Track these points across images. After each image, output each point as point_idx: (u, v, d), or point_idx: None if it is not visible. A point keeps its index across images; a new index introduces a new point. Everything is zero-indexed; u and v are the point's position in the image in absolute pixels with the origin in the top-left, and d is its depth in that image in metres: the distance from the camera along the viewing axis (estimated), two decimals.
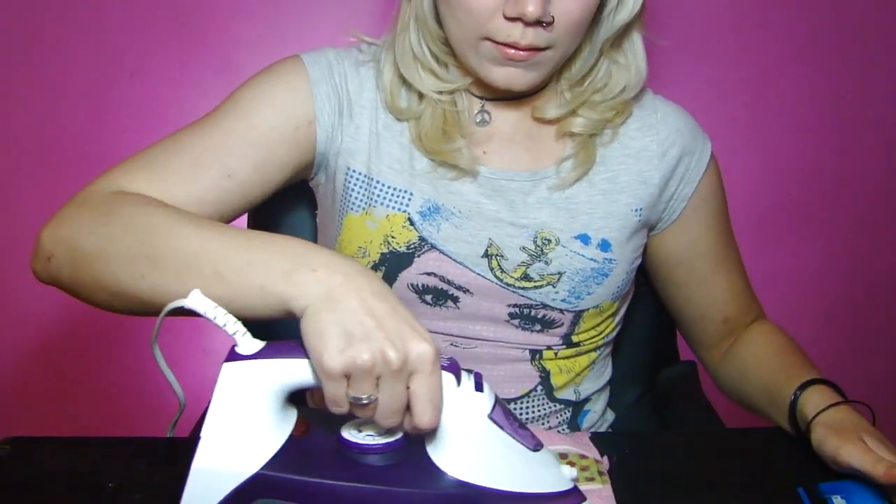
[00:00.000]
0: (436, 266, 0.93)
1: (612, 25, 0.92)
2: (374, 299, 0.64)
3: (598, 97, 0.96)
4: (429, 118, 0.93)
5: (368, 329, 0.62)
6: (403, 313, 0.64)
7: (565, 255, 0.94)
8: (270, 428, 0.66)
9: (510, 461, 0.66)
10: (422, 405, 0.62)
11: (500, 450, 0.66)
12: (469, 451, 0.66)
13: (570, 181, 0.95)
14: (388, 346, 0.61)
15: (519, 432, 0.67)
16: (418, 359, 0.62)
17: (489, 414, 0.66)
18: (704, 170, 1.00)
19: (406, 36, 0.93)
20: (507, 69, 0.88)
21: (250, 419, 0.66)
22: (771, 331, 1.06)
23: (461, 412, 0.65)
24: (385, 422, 0.64)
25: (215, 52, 1.47)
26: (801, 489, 0.78)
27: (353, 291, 0.64)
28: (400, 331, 0.62)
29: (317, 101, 0.92)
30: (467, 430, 0.66)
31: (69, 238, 0.76)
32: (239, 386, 0.65)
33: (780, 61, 1.55)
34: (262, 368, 0.65)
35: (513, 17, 0.83)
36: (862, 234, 1.65)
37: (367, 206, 0.94)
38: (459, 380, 0.66)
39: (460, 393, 0.65)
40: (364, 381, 0.61)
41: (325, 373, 0.61)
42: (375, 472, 0.66)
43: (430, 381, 0.62)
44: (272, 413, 0.66)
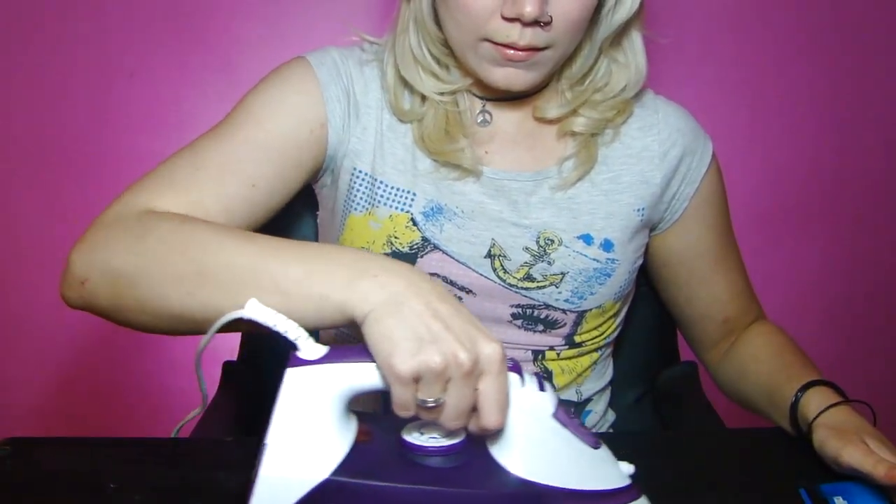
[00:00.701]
0: (439, 266, 0.93)
1: (611, 24, 0.92)
2: (438, 302, 0.63)
3: (598, 96, 0.96)
4: (431, 119, 0.93)
5: (437, 331, 0.61)
6: (467, 315, 0.64)
7: (568, 255, 0.94)
8: (336, 434, 0.66)
9: (573, 459, 0.66)
10: (490, 406, 0.62)
11: (564, 448, 0.66)
12: (534, 450, 0.66)
13: (572, 181, 0.95)
14: (459, 348, 0.61)
15: (580, 430, 0.67)
16: (487, 359, 0.62)
17: (553, 413, 0.66)
18: (706, 170, 1.00)
19: (406, 38, 0.93)
20: (506, 69, 0.88)
21: (316, 425, 0.65)
22: (770, 331, 1.06)
23: (526, 412, 0.65)
24: (451, 424, 0.63)
25: (215, 52, 1.47)
26: (803, 490, 0.78)
27: (416, 295, 0.63)
28: (468, 332, 0.62)
29: (328, 103, 0.92)
30: (532, 429, 0.66)
31: (106, 261, 0.74)
32: (303, 391, 0.65)
33: (780, 61, 1.55)
34: (327, 373, 0.64)
35: (511, 17, 0.83)
36: (862, 235, 1.65)
37: (370, 207, 0.94)
38: (524, 380, 0.66)
39: (525, 393, 0.65)
40: (434, 383, 0.61)
41: (396, 376, 0.61)
42: (440, 473, 0.66)
43: (499, 382, 0.62)
44: (337, 418, 0.66)
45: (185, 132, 0.95)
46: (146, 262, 0.72)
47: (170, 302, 0.71)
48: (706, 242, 1.02)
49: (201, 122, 0.95)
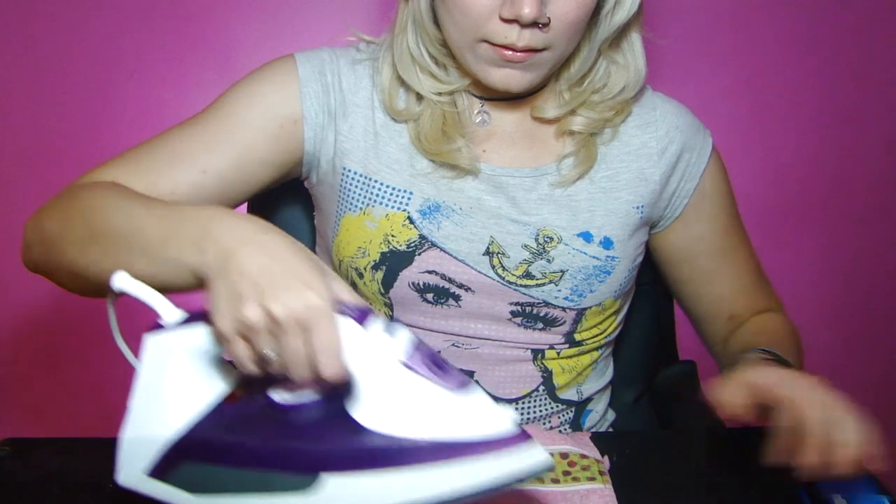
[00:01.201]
0: (437, 264, 0.93)
1: (610, 26, 0.92)
2: (265, 257, 0.63)
3: (596, 97, 0.96)
4: (428, 119, 0.93)
5: (254, 286, 0.61)
6: (297, 267, 0.63)
7: (567, 252, 0.94)
8: (195, 394, 0.68)
9: (427, 406, 0.63)
10: (319, 355, 0.62)
11: (414, 394, 0.63)
12: (383, 400, 0.64)
13: (571, 179, 0.95)
14: (273, 302, 0.61)
15: (439, 374, 0.63)
16: (307, 311, 0.61)
17: (400, 358, 0.63)
18: (705, 165, 0.99)
19: (404, 38, 0.93)
20: (504, 70, 0.88)
21: (175, 387, 0.67)
22: (769, 318, 1.03)
23: (369, 360, 0.63)
24: (296, 377, 0.63)
25: (215, 52, 1.47)
26: (802, 489, 0.78)
27: (245, 252, 0.63)
28: (288, 285, 0.61)
29: (304, 99, 0.92)
30: (377, 378, 0.63)
31: (41, 227, 0.82)
32: (160, 356, 0.67)
33: (780, 61, 1.55)
34: (181, 337, 0.66)
35: (509, 18, 0.83)
36: (862, 234, 1.65)
37: (365, 206, 0.94)
38: (365, 326, 0.63)
39: (367, 340, 0.63)
40: (261, 339, 0.62)
41: (219, 335, 0.63)
42: (295, 429, 0.66)
43: (324, 331, 0.61)
44: (197, 380, 0.68)
45: None
46: (61, 226, 0.79)
47: (74, 263, 0.77)
48: (709, 238, 1.02)
49: None
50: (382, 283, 0.93)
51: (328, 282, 0.64)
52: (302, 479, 0.64)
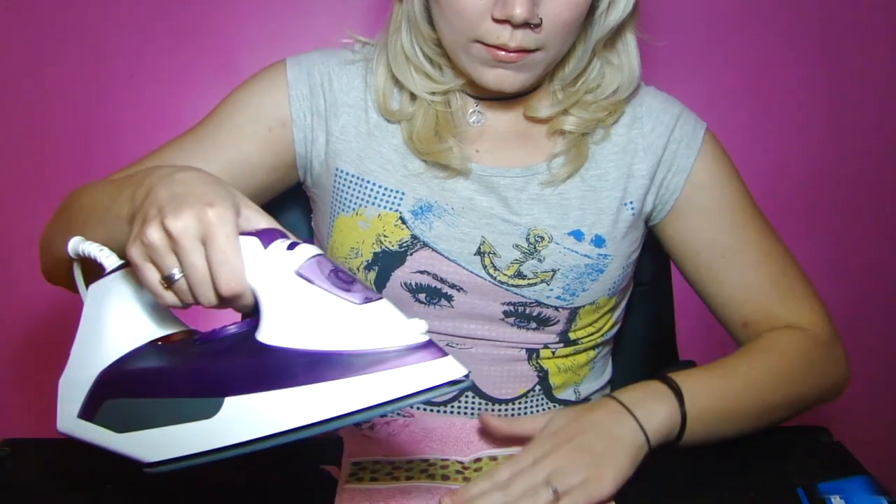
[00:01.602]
0: (428, 264, 0.93)
1: (604, 26, 0.92)
2: (177, 185, 0.64)
3: (590, 97, 0.96)
4: (421, 119, 0.94)
5: (158, 208, 0.62)
6: (202, 190, 0.63)
7: (559, 252, 0.94)
8: (129, 336, 0.69)
9: (329, 319, 0.60)
10: (215, 270, 0.61)
11: (314, 308, 0.60)
12: (281, 315, 0.61)
13: (561, 177, 0.95)
14: (172, 219, 0.61)
15: (340, 286, 0.61)
16: (203, 225, 0.61)
17: (296, 269, 0.61)
18: (695, 157, 0.97)
19: (398, 38, 0.93)
20: (497, 71, 0.88)
21: (110, 330, 0.69)
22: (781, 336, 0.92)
23: (266, 275, 0.61)
24: (202, 298, 0.63)
25: (215, 52, 1.47)
26: (800, 489, 0.78)
27: (160, 186, 0.65)
28: (188, 204, 0.61)
29: (292, 102, 0.94)
30: (274, 292, 0.61)
31: (44, 238, 0.91)
32: (98, 301, 0.69)
33: (778, 62, 1.54)
34: (116, 280, 0.68)
35: (501, 19, 0.83)
36: (862, 235, 1.65)
37: (357, 207, 0.94)
38: (266, 243, 0.62)
39: (267, 255, 0.62)
40: (164, 259, 0.62)
41: (132, 264, 0.64)
42: (202, 355, 0.66)
43: (220, 245, 0.61)
44: (133, 322, 0.69)
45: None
46: (51, 227, 0.90)
47: (58, 254, 0.80)
48: (708, 232, 0.97)
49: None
50: (375, 284, 0.93)
51: (241, 208, 0.64)
52: (207, 403, 0.62)
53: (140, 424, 0.65)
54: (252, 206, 0.66)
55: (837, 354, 0.95)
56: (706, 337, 1.14)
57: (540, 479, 0.74)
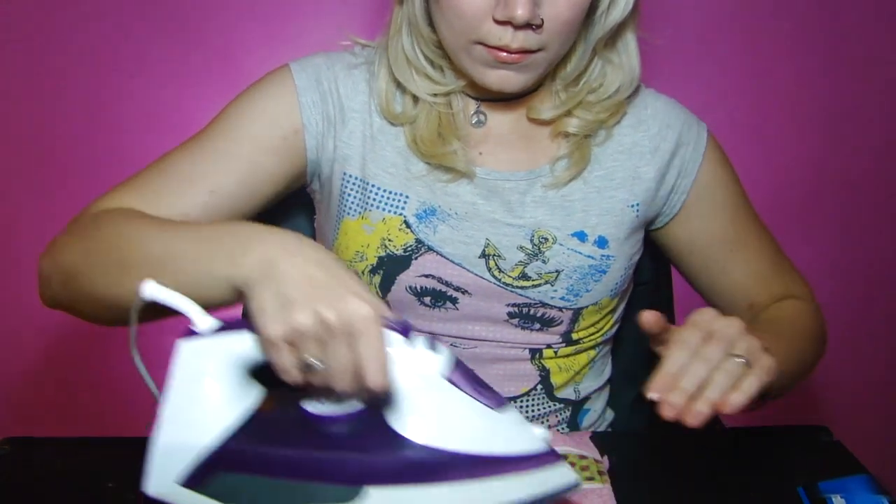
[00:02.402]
0: (433, 268, 0.93)
1: (604, 25, 0.92)
2: (312, 266, 0.64)
3: (592, 97, 0.96)
4: (423, 121, 0.94)
5: (305, 293, 0.62)
6: (343, 278, 0.64)
7: (562, 252, 0.94)
8: (230, 403, 0.67)
9: (469, 421, 0.64)
10: (366, 366, 0.62)
11: (458, 409, 0.64)
12: (425, 412, 0.64)
13: (564, 180, 0.95)
14: (325, 308, 0.61)
15: (479, 391, 0.65)
16: (356, 319, 0.61)
17: (442, 373, 0.64)
18: (701, 159, 0.99)
19: (399, 40, 0.93)
20: (499, 72, 0.88)
21: (208, 395, 0.67)
22: (787, 305, 1.00)
23: (412, 373, 0.64)
24: (339, 386, 0.63)
25: (215, 52, 1.47)
26: (801, 488, 0.78)
27: (290, 262, 0.64)
28: (337, 293, 0.62)
29: (303, 109, 0.93)
30: (420, 390, 0.64)
31: (59, 260, 0.81)
32: (195, 363, 0.66)
33: (778, 61, 1.55)
34: (216, 344, 0.66)
35: (502, 20, 0.83)
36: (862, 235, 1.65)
37: (362, 211, 0.94)
38: (409, 340, 0.64)
39: (411, 353, 0.64)
40: (307, 345, 0.62)
41: (267, 341, 0.63)
42: (336, 441, 0.66)
43: (371, 341, 0.62)
44: (231, 388, 0.67)
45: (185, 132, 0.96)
46: (83, 258, 0.79)
47: (103, 294, 0.76)
48: (716, 229, 1.01)
49: (201, 122, 0.96)
50: (380, 287, 0.93)
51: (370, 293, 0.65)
52: (346, 490, 0.64)
53: (259, 499, 0.66)
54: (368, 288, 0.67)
55: (822, 317, 1.04)
56: None
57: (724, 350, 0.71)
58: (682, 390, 0.69)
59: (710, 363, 0.70)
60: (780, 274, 1.04)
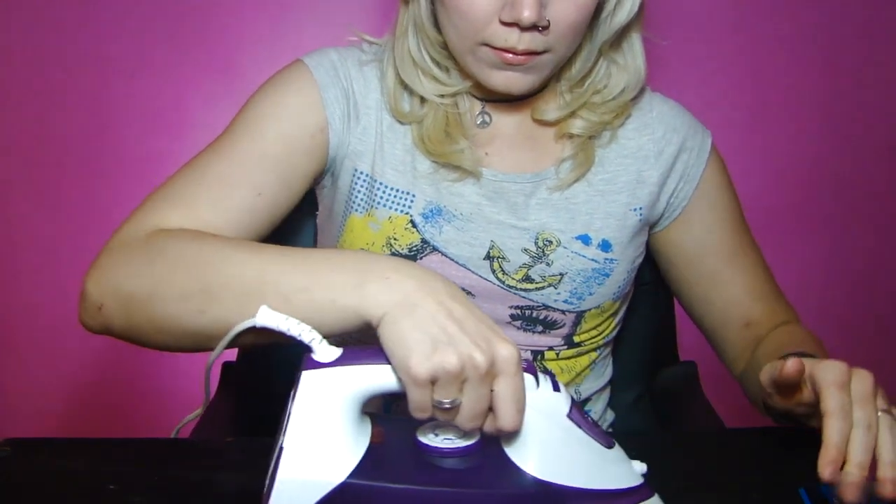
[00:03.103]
0: (438, 268, 0.93)
1: (610, 27, 0.92)
2: (451, 301, 0.64)
3: (597, 98, 0.96)
4: (431, 120, 0.93)
5: (452, 333, 0.62)
6: (480, 315, 0.64)
7: (566, 255, 0.94)
8: (352, 436, 0.66)
9: (588, 459, 0.67)
10: (506, 407, 0.62)
11: (579, 448, 0.66)
12: (549, 450, 0.66)
13: (568, 182, 0.95)
14: (475, 349, 0.61)
15: (594, 430, 0.67)
16: (503, 361, 0.62)
17: (567, 413, 0.66)
18: (704, 166, 0.99)
19: (405, 41, 0.93)
20: (505, 73, 0.87)
21: (332, 427, 0.65)
22: (795, 330, 0.98)
23: (541, 412, 0.66)
24: (467, 425, 0.63)
25: (215, 52, 1.47)
26: (802, 490, 0.78)
27: (429, 295, 0.64)
28: (483, 333, 0.62)
29: (327, 106, 0.92)
30: (547, 429, 0.66)
31: (118, 285, 0.75)
32: (319, 394, 0.65)
33: (781, 62, 1.55)
34: (342, 376, 0.64)
35: (509, 22, 0.83)
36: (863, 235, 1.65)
37: (369, 208, 0.94)
38: (538, 380, 0.66)
39: (539, 393, 0.66)
40: (451, 385, 0.61)
41: (413, 379, 0.61)
42: (455, 475, 0.66)
43: (515, 383, 0.62)
44: (352, 420, 0.66)
45: (185, 132, 0.96)
46: (155, 283, 0.73)
47: (182, 321, 0.72)
48: (714, 238, 1.00)
49: (201, 123, 0.96)
50: None
51: None
52: None
53: None
54: None
55: None
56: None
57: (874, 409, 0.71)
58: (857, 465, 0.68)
59: (870, 428, 0.70)
60: (776, 297, 1.02)
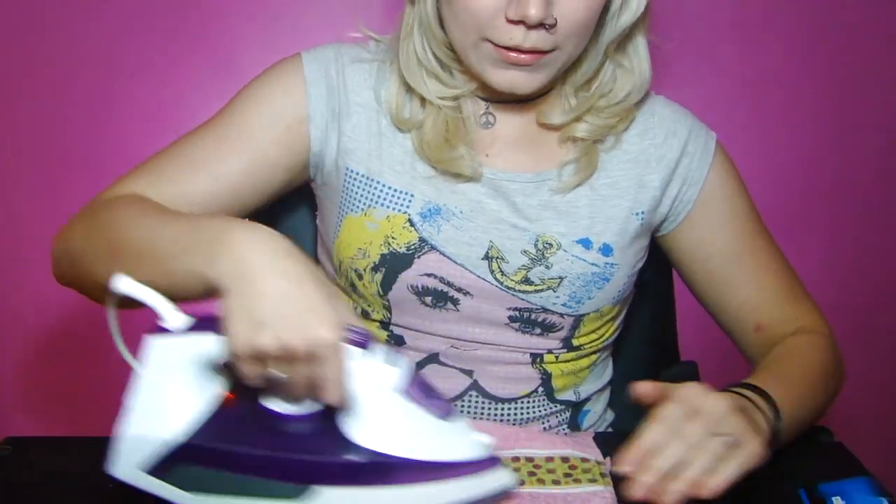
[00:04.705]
0: (436, 267, 0.93)
1: (616, 28, 0.91)
2: (285, 282, 0.65)
3: (603, 102, 0.95)
4: (431, 126, 0.93)
5: (274, 316, 0.64)
6: (313, 296, 0.65)
7: (566, 259, 0.93)
8: (195, 398, 0.70)
9: (417, 430, 0.69)
10: (326, 386, 0.65)
11: (409, 419, 0.69)
12: (377, 421, 0.69)
13: (571, 185, 0.95)
14: (291, 335, 0.63)
15: (429, 402, 0.69)
16: (320, 346, 0.64)
17: (393, 385, 0.68)
18: (708, 169, 0.98)
19: (410, 41, 0.93)
20: (508, 72, 0.87)
21: (175, 390, 0.70)
22: (804, 342, 0.94)
23: (369, 385, 0.68)
24: (298, 396, 0.67)
25: (215, 51, 1.47)
26: (801, 490, 0.78)
27: (265, 273, 0.65)
28: (304, 318, 0.64)
29: (310, 100, 0.93)
30: (372, 400, 0.68)
31: (66, 243, 0.86)
32: (162, 358, 0.69)
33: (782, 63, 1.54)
34: (185, 343, 0.68)
35: (515, 20, 0.82)
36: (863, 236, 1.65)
37: (366, 208, 0.94)
38: (370, 353, 0.68)
39: (367, 366, 0.68)
40: (273, 363, 0.65)
41: (234, 355, 0.65)
42: (291, 440, 0.70)
43: (333, 366, 0.65)
44: (197, 384, 0.70)
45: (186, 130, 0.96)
46: (84, 241, 0.83)
47: (97, 276, 0.78)
48: (719, 241, 0.98)
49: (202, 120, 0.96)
50: (381, 285, 0.93)
51: (337, 306, 0.67)
52: (294, 488, 0.68)
53: (216, 490, 0.70)
54: (339, 295, 0.71)
55: (839, 352, 0.98)
56: (707, 337, 1.14)
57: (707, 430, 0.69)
58: (655, 469, 0.69)
59: (689, 442, 0.69)
60: (793, 299, 0.99)
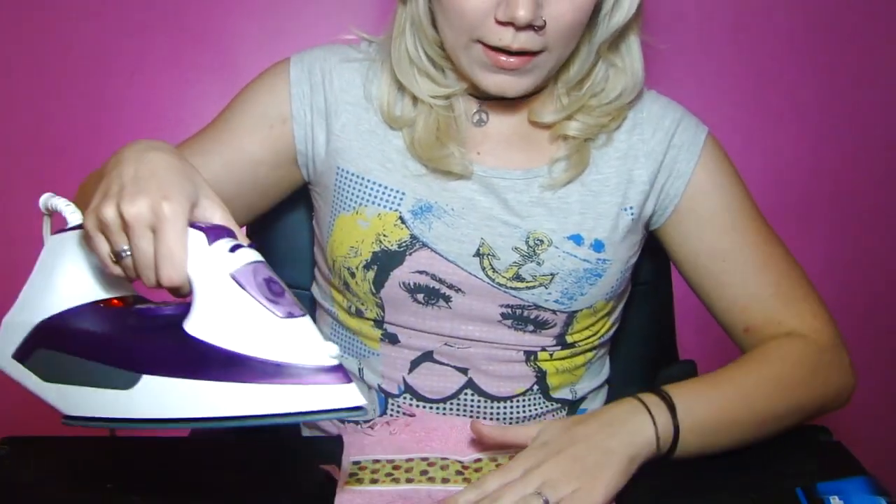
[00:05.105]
0: (427, 264, 0.93)
1: (608, 28, 0.91)
2: (143, 166, 0.67)
3: (594, 101, 0.95)
4: (422, 125, 0.93)
5: (119, 187, 0.66)
6: (164, 177, 0.66)
7: (558, 255, 0.93)
8: (75, 291, 0.72)
9: (248, 324, 0.64)
10: (159, 261, 0.64)
11: (239, 312, 0.64)
12: (210, 312, 0.65)
13: (561, 182, 0.95)
14: (128, 204, 0.64)
15: (270, 299, 0.64)
16: (155, 216, 0.64)
17: (232, 272, 0.64)
18: (696, 162, 0.96)
19: (402, 41, 0.93)
20: (497, 76, 0.87)
21: (60, 283, 0.72)
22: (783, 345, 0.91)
23: (204, 270, 0.65)
24: (146, 278, 0.66)
25: (215, 52, 1.47)
26: (799, 489, 0.78)
27: (129, 159, 0.68)
28: (146, 191, 0.65)
29: (294, 99, 0.94)
30: (206, 287, 0.65)
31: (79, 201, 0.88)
32: (56, 253, 0.72)
33: (780, 62, 1.54)
34: (75, 236, 0.71)
35: (504, 21, 0.83)
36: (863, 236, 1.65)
37: (358, 206, 0.94)
38: (212, 241, 0.65)
39: (209, 252, 0.65)
40: (114, 235, 0.66)
41: (84, 231, 0.67)
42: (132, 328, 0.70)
43: (168, 238, 0.64)
44: (83, 280, 0.72)
45: (185, 132, 0.96)
46: None
47: None
48: (708, 237, 0.96)
49: (201, 122, 0.97)
50: (374, 283, 0.93)
51: (200, 198, 0.68)
52: (127, 376, 0.66)
53: (64, 378, 0.70)
54: (212, 196, 0.69)
55: (841, 360, 0.93)
56: (706, 336, 1.14)
57: (530, 490, 0.73)
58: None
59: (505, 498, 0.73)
60: (788, 301, 0.94)
